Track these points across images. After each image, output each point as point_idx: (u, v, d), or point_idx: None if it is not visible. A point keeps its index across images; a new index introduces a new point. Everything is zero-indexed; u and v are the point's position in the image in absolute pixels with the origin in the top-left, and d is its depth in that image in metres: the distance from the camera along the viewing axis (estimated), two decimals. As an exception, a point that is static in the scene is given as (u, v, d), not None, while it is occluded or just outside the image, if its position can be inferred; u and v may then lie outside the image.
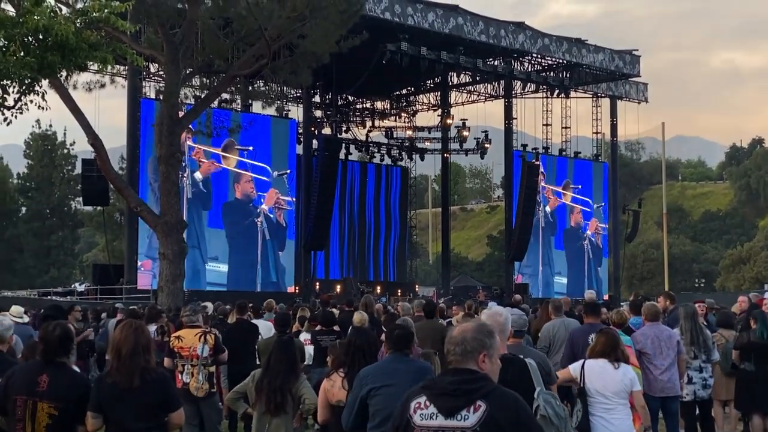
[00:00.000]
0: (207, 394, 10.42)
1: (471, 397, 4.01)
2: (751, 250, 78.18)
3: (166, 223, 25.49)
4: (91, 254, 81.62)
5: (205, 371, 10.50)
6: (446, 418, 4.02)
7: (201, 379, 10.42)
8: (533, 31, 45.08)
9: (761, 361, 11.65)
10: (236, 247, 38.76)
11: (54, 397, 6.02)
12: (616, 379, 8.12)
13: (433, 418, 4.04)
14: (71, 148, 69.60)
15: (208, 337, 10.63)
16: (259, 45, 25.61)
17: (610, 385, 8.10)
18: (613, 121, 53.66)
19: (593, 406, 8.14)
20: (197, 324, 10.92)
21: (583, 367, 8.26)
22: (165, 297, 24.48)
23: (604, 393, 8.11)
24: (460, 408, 4.00)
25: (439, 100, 53.82)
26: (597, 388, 8.14)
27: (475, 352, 4.14)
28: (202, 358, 10.46)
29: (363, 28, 28.30)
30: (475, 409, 3.98)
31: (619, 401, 8.13)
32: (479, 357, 4.14)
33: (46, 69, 12.96)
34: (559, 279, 50.04)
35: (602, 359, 8.20)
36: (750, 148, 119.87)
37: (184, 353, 10.50)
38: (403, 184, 55.39)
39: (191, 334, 10.62)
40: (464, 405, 4.00)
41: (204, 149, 37.51)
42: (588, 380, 8.18)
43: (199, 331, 10.70)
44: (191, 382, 10.35)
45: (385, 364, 6.49)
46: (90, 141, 25.01)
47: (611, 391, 8.09)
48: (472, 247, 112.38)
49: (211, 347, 10.60)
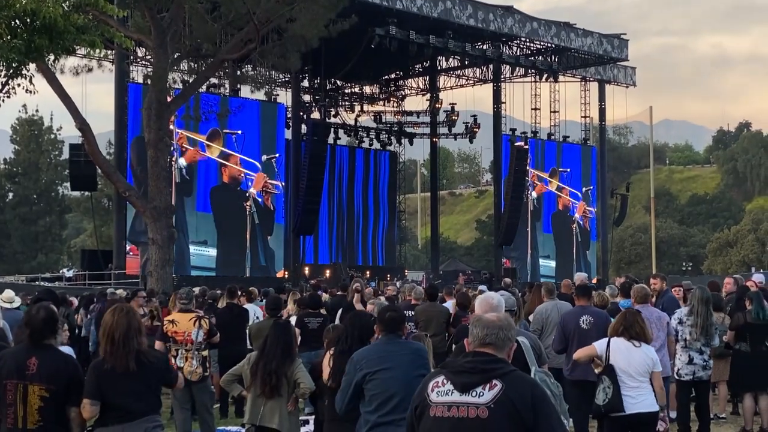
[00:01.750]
0: (200, 378, 10.47)
1: (488, 375, 4.00)
2: (738, 233, 78.44)
3: (155, 208, 25.42)
4: (79, 240, 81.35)
5: (199, 356, 10.57)
6: (461, 394, 4.01)
7: (195, 364, 10.49)
8: (522, 15, 45.03)
9: (757, 341, 11.70)
10: (225, 232, 38.63)
11: (45, 379, 6.01)
12: (640, 358, 8.22)
13: (449, 394, 4.04)
14: (58, 133, 69.26)
15: (203, 323, 10.69)
16: (247, 29, 25.51)
17: (635, 363, 8.19)
18: (601, 105, 53.71)
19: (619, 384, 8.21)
20: (192, 309, 10.95)
21: (609, 345, 8.33)
22: (154, 282, 24.44)
23: (628, 371, 8.20)
24: (476, 384, 3.99)
25: (427, 84, 53.76)
26: (622, 367, 8.22)
27: (510, 341, 4.18)
28: (197, 343, 10.52)
29: (352, 12, 28.25)
30: (491, 387, 3.97)
31: (643, 380, 8.22)
32: (509, 349, 4.18)
33: (33, 52, 12.86)
34: (547, 262, 50.15)
35: (623, 338, 8.29)
36: (737, 132, 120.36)
37: (179, 338, 10.53)
38: (392, 169, 55.36)
39: (185, 319, 10.65)
40: (480, 382, 3.99)
41: (188, 136, 37.27)
42: (613, 358, 8.26)
43: (194, 316, 10.74)
44: (185, 367, 10.38)
45: (379, 347, 6.46)
46: (77, 125, 24.88)
47: (635, 370, 8.18)
48: (461, 231, 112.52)
49: (206, 332, 10.66)
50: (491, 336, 4.11)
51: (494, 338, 4.11)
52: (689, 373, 10.85)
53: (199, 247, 37.85)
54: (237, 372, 8.36)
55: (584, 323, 10.17)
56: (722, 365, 12.26)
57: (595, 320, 10.17)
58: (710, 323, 10.95)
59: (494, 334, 4.12)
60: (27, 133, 68.40)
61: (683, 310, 11.08)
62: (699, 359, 10.88)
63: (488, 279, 40.85)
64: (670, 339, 10.58)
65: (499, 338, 4.12)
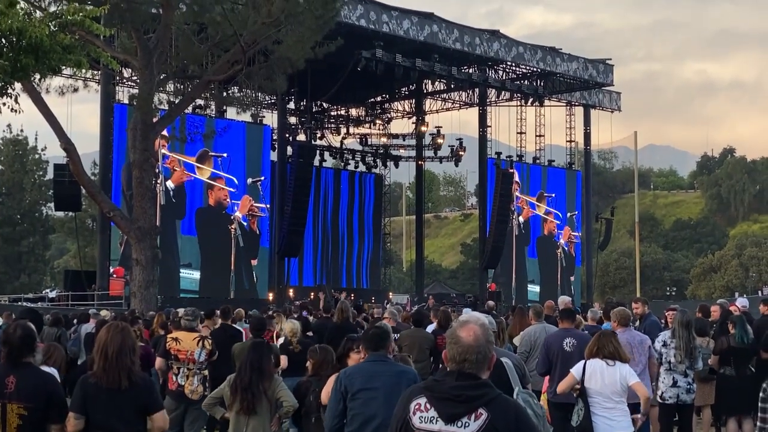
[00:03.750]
0: (201, 397, 10.56)
1: (473, 404, 3.95)
2: (721, 258, 78.80)
3: (139, 228, 25.36)
4: (63, 260, 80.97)
5: (201, 375, 10.76)
6: (446, 424, 3.96)
7: (196, 383, 10.69)
8: (508, 39, 45.28)
9: (741, 365, 11.74)
10: (209, 254, 38.50)
11: (23, 398, 5.97)
12: (614, 378, 8.23)
13: (433, 422, 3.99)
14: (43, 153, 68.95)
15: (206, 343, 10.87)
16: (234, 50, 25.56)
17: (609, 383, 8.21)
18: (586, 129, 53.92)
19: (594, 405, 8.24)
20: (196, 328, 11.07)
21: (584, 368, 8.35)
22: (138, 303, 24.33)
23: (604, 392, 8.21)
24: (461, 415, 3.94)
25: (413, 107, 53.87)
26: (596, 388, 8.24)
27: (488, 358, 4.09)
28: (199, 363, 10.64)
29: (338, 34, 28.29)
30: (476, 416, 3.93)
31: (619, 399, 8.23)
32: (489, 363, 4.10)
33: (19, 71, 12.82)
34: (532, 287, 50.17)
35: (597, 359, 8.32)
36: (721, 157, 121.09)
37: (181, 356, 10.69)
38: (377, 192, 55.34)
39: (189, 338, 10.81)
40: (466, 412, 3.94)
41: (178, 158, 37.24)
42: (587, 380, 8.28)
43: (198, 335, 10.93)
44: (186, 385, 10.55)
45: (365, 366, 6.46)
46: (62, 145, 24.85)
47: (610, 390, 8.20)
48: (446, 254, 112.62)
49: (208, 353, 10.82)
50: (470, 361, 4.03)
51: (473, 361, 4.03)
52: (673, 396, 10.87)
53: (183, 270, 37.71)
54: (218, 395, 8.42)
55: (567, 346, 10.19)
56: (707, 389, 12.28)
57: (579, 343, 10.19)
58: (693, 346, 10.98)
59: (473, 359, 4.03)
60: (11, 153, 68.09)
61: (667, 333, 11.12)
62: (683, 382, 10.90)
63: (473, 302, 40.80)
64: (652, 362, 10.61)
65: (478, 360, 4.04)
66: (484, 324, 4.20)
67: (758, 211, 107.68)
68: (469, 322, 4.17)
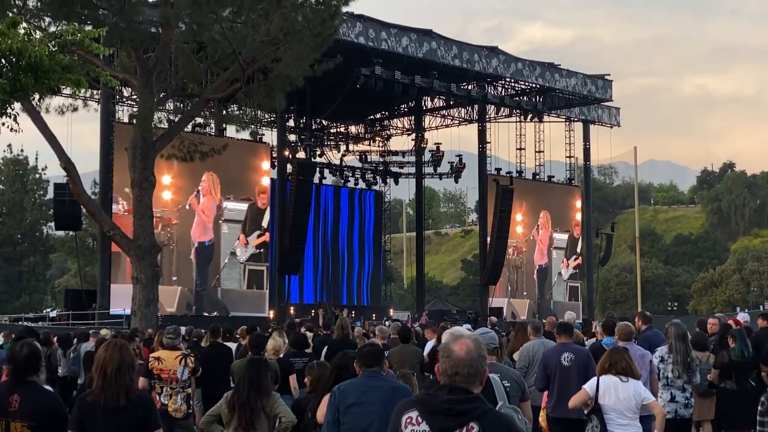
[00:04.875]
0: (185, 415, 10.51)
1: (465, 418, 3.95)
2: (723, 273, 78.75)
3: (139, 247, 25.37)
4: (63, 280, 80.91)
5: (184, 393, 10.66)
6: None
7: (179, 401, 10.58)
8: (506, 55, 45.43)
9: (741, 379, 11.72)
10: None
11: (27, 416, 5.99)
12: (628, 394, 8.23)
13: None
14: (43, 172, 69.13)
15: (188, 361, 10.77)
16: (233, 69, 25.63)
17: (623, 399, 8.20)
18: (585, 145, 53.98)
19: (609, 422, 8.24)
20: (178, 347, 11.00)
21: (598, 384, 8.35)
22: (138, 321, 24.31)
23: (618, 408, 8.20)
24: (452, 428, 3.95)
25: (413, 124, 53.95)
26: (611, 404, 8.23)
27: (480, 373, 4.10)
28: (182, 381, 10.55)
29: (337, 52, 28.37)
30: (468, 430, 3.94)
31: (633, 416, 8.23)
32: (482, 377, 4.12)
33: (18, 91, 12.86)
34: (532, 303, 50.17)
35: (610, 375, 8.32)
36: (721, 172, 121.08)
37: (164, 375, 10.58)
38: (378, 208, 55.38)
39: (171, 357, 10.71)
40: (457, 425, 3.95)
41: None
42: (601, 397, 8.27)
43: (180, 354, 10.85)
44: (169, 404, 10.45)
45: (360, 381, 6.50)
46: (62, 165, 24.91)
47: (624, 406, 8.20)
48: (447, 271, 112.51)
49: (191, 371, 10.73)
50: (462, 375, 4.05)
51: (465, 375, 4.05)
52: (671, 411, 10.85)
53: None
54: (215, 413, 8.39)
55: (565, 360, 10.17)
56: (706, 404, 12.25)
57: (576, 357, 10.18)
58: (690, 359, 10.97)
59: (465, 372, 4.05)
60: (12, 173, 68.27)
61: (664, 348, 11.10)
62: (681, 397, 10.88)
63: (474, 318, 40.79)
64: (653, 377, 10.58)
65: (470, 374, 4.06)
66: (476, 338, 4.22)
67: (759, 225, 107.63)
68: (462, 337, 4.19)
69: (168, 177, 36.48)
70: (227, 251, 39.66)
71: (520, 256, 50.00)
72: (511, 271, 49.51)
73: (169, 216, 37.64)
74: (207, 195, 38.66)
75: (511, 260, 49.20)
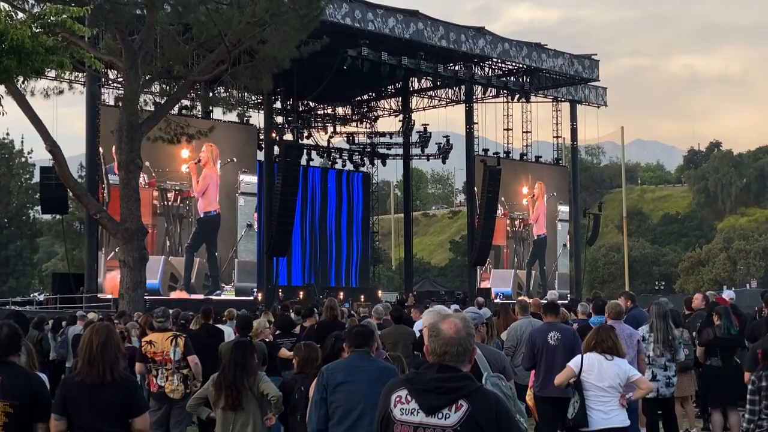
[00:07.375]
0: (183, 395, 10.55)
1: (454, 395, 3.99)
2: (709, 252, 79.02)
3: (126, 230, 25.29)
4: (51, 264, 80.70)
5: (180, 374, 10.70)
6: (427, 415, 4.00)
7: (176, 381, 10.66)
8: (493, 36, 45.36)
9: (727, 356, 11.80)
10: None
11: (9, 396, 6.02)
12: (612, 371, 8.26)
13: (414, 414, 4.03)
14: (29, 156, 68.68)
15: (179, 340, 10.80)
16: (219, 50, 25.51)
17: (606, 377, 8.24)
18: (573, 125, 54.03)
19: (590, 399, 8.27)
20: (169, 328, 11.06)
21: (582, 361, 8.39)
22: (126, 304, 24.27)
23: (600, 385, 8.24)
24: (442, 406, 3.98)
25: (400, 105, 53.86)
26: (593, 381, 8.27)
27: (469, 351, 4.12)
28: (175, 362, 10.60)
29: (323, 33, 28.27)
30: (456, 408, 3.97)
31: (615, 394, 8.27)
32: (471, 355, 4.14)
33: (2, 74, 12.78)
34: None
35: (596, 352, 8.35)
36: (707, 151, 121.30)
37: (158, 358, 10.68)
38: (365, 190, 55.36)
39: (162, 338, 10.78)
40: (446, 403, 3.98)
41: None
42: (585, 373, 8.31)
43: (170, 334, 10.92)
44: (166, 385, 10.55)
45: (348, 362, 6.53)
46: (48, 148, 24.76)
47: (607, 384, 8.23)
48: (435, 252, 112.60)
49: (182, 350, 10.73)
50: (451, 353, 4.07)
51: (454, 353, 4.08)
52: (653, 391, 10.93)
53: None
54: (202, 395, 8.48)
55: (552, 339, 10.22)
56: (685, 380, 12.32)
57: (563, 336, 10.23)
58: (672, 337, 11.03)
59: (453, 351, 4.08)
60: (-3, 157, 67.83)
61: (645, 328, 11.16)
62: (662, 376, 10.95)
63: (462, 299, 40.84)
64: (641, 356, 10.64)
65: (459, 352, 4.08)
66: (464, 317, 4.25)
67: (745, 204, 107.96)
68: (450, 316, 4.21)
69: (186, 151, 36.72)
70: (244, 223, 40.30)
71: (525, 228, 50.44)
72: (518, 242, 50.03)
73: (188, 189, 38.20)
74: (207, 165, 38.82)
75: (518, 232, 49.71)
